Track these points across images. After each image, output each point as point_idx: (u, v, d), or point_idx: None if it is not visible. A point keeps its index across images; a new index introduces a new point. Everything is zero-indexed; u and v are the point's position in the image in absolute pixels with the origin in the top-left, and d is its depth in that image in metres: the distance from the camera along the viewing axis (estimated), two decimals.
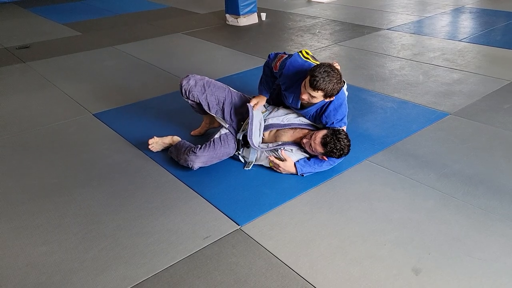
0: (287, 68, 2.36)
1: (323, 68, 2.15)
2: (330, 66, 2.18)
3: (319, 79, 2.14)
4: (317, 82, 2.14)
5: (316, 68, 2.17)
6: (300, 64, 2.36)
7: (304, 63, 2.35)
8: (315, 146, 2.28)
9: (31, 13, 6.98)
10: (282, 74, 2.39)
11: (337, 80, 2.18)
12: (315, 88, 2.16)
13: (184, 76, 2.56)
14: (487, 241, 1.84)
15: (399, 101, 3.19)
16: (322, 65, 2.17)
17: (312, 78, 2.15)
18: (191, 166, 2.36)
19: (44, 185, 2.34)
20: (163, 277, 1.72)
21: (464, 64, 3.89)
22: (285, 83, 2.40)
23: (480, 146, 2.56)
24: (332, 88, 2.17)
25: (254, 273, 1.72)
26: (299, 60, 2.37)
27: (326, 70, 2.15)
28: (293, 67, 2.36)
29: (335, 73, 2.18)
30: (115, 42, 5.02)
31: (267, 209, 2.08)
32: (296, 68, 2.36)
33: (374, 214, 2.03)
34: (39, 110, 3.30)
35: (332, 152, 2.26)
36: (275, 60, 2.45)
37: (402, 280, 1.66)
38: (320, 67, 2.16)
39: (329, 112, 2.33)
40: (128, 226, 2.00)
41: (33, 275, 1.75)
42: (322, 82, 2.14)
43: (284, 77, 2.38)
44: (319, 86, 2.14)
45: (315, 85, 2.15)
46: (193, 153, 2.36)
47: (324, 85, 2.14)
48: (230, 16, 5.67)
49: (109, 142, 2.77)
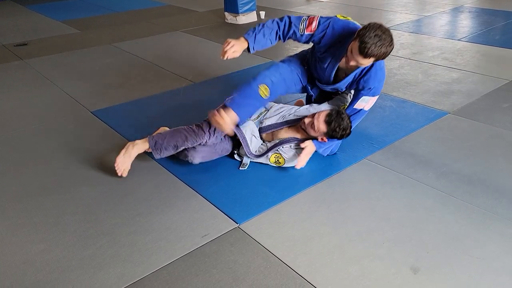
0: (332, 27, 2.13)
1: (373, 32, 1.92)
2: (381, 28, 1.94)
3: (370, 46, 1.91)
4: (368, 49, 1.92)
5: (365, 32, 1.94)
6: (343, 23, 2.15)
7: (348, 23, 2.15)
8: (318, 124, 2.23)
9: (29, 10, 6.95)
10: (324, 35, 2.15)
11: (389, 43, 1.96)
12: (366, 56, 1.95)
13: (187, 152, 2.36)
14: (485, 240, 1.84)
15: (398, 100, 3.19)
16: (371, 28, 1.94)
17: (362, 44, 1.93)
18: (191, 161, 2.35)
19: (41, 183, 2.33)
20: (161, 275, 1.71)
21: (463, 63, 3.89)
22: (325, 45, 2.17)
23: (479, 145, 2.56)
24: (385, 52, 1.97)
25: (252, 271, 1.71)
26: (342, 20, 2.16)
27: (376, 34, 1.92)
28: (338, 26, 2.14)
29: (387, 36, 1.95)
30: (113, 40, 5.00)
31: (266, 207, 2.08)
32: (341, 27, 2.14)
33: (372, 213, 2.02)
34: (37, 107, 3.28)
35: (334, 131, 2.23)
36: (304, 23, 2.19)
37: (401, 278, 1.66)
38: (369, 31, 1.93)
39: (369, 77, 2.16)
40: (126, 224, 1.99)
41: (30, 272, 1.74)
42: (374, 49, 1.92)
43: (327, 38, 2.16)
44: (371, 53, 1.93)
45: (366, 52, 1.93)
46: (193, 148, 2.35)
47: (376, 51, 1.93)
48: (229, 14, 5.66)
49: (107, 139, 2.76)
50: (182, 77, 3.79)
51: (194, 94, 3.43)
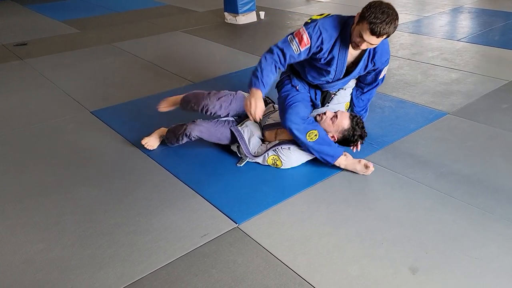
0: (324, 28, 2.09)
1: (379, 10, 1.89)
2: (384, 4, 1.91)
3: (381, 24, 1.87)
4: (381, 28, 1.88)
5: (371, 13, 1.90)
6: (329, 19, 2.13)
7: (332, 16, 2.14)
8: (342, 119, 2.28)
9: (29, 10, 6.95)
10: (323, 40, 2.11)
11: (396, 16, 1.93)
12: (380, 35, 1.92)
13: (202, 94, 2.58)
14: (484, 241, 1.84)
15: (397, 101, 3.19)
16: (376, 6, 1.90)
17: (372, 25, 1.89)
18: (188, 134, 2.38)
19: (41, 183, 2.34)
20: (160, 274, 1.71)
21: (462, 63, 3.90)
22: (327, 49, 2.14)
23: (478, 146, 2.57)
24: (395, 27, 1.93)
25: (251, 271, 1.72)
26: (322, 19, 2.14)
27: (383, 11, 1.88)
28: (328, 24, 2.12)
29: (392, 10, 1.92)
30: (113, 40, 5.01)
31: (265, 207, 2.08)
32: (331, 23, 2.11)
33: (371, 213, 2.03)
34: (37, 107, 3.29)
35: (354, 130, 2.28)
36: (295, 41, 2.13)
37: (399, 279, 1.67)
38: (375, 10, 1.89)
39: (380, 53, 2.16)
40: (125, 224, 2.00)
41: (30, 272, 1.74)
42: (386, 26, 1.88)
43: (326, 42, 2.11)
44: (384, 31, 1.89)
45: (380, 32, 1.90)
46: (193, 122, 2.40)
47: (388, 28, 1.90)
48: (228, 14, 5.67)
49: (107, 140, 2.76)
50: (181, 77, 3.79)
51: None
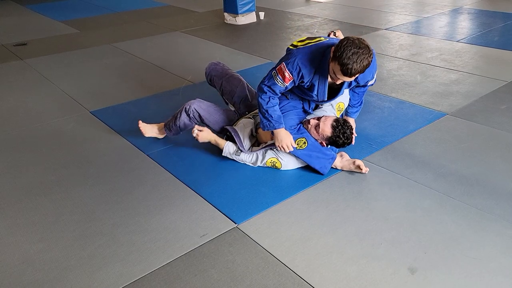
0: (301, 63, 2.11)
1: (349, 50, 1.88)
2: (354, 43, 1.90)
3: (352, 65, 1.89)
4: (352, 69, 1.90)
5: (341, 53, 1.89)
6: (306, 50, 2.13)
7: (310, 46, 2.14)
8: (324, 127, 2.28)
9: (28, 10, 6.96)
10: (302, 74, 2.14)
11: (368, 54, 1.92)
12: (351, 75, 1.94)
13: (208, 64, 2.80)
14: (483, 241, 1.85)
15: (396, 101, 3.20)
16: (345, 46, 1.89)
17: (344, 67, 1.90)
18: (188, 108, 2.46)
19: (41, 183, 2.34)
20: (159, 274, 1.72)
21: (461, 64, 3.90)
22: (308, 80, 2.18)
23: (477, 147, 2.57)
24: (367, 64, 1.93)
25: (250, 271, 1.72)
26: (301, 51, 2.14)
27: (353, 52, 1.88)
28: (304, 57, 2.12)
29: (363, 48, 1.91)
30: (113, 40, 5.01)
31: (264, 207, 2.08)
32: (307, 55, 2.12)
33: (370, 214, 2.03)
34: (36, 107, 3.29)
35: (338, 137, 2.28)
36: (278, 77, 2.17)
37: (398, 279, 1.67)
38: (345, 50, 1.89)
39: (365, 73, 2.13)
40: (125, 224, 2.00)
41: (29, 272, 1.74)
42: (356, 67, 1.89)
43: (306, 72, 2.13)
44: (355, 71, 1.91)
45: (350, 72, 1.91)
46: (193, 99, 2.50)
47: (359, 67, 1.90)
48: (228, 15, 5.67)
49: (107, 139, 2.76)
50: (181, 77, 3.80)
51: (193, 94, 3.43)
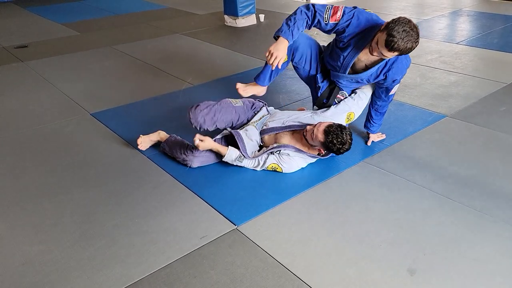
0: (357, 17, 2.18)
1: (402, 26, 1.95)
2: (410, 24, 1.98)
3: (397, 40, 1.94)
4: (395, 43, 1.94)
5: (394, 26, 1.97)
6: (367, 15, 2.19)
7: (371, 15, 2.21)
8: (317, 133, 2.22)
9: (29, 12, 6.97)
10: (349, 25, 2.19)
11: (415, 39, 1.98)
12: (391, 49, 1.98)
13: (190, 107, 2.46)
14: (482, 242, 1.85)
15: (396, 103, 3.20)
16: (400, 22, 1.97)
17: (390, 37, 1.95)
18: (189, 165, 2.38)
19: (41, 185, 2.34)
20: (159, 276, 1.72)
21: (461, 66, 3.91)
22: (349, 35, 2.22)
23: (476, 148, 2.58)
24: (410, 48, 1.99)
25: (250, 272, 1.72)
26: (367, 13, 2.20)
27: (405, 30, 1.95)
28: (363, 17, 2.18)
29: (414, 32, 1.98)
30: (113, 42, 5.02)
31: (264, 209, 2.09)
32: (365, 18, 2.18)
33: (370, 215, 2.04)
34: (37, 109, 3.30)
35: (331, 143, 2.19)
36: (329, 12, 2.21)
37: (398, 280, 1.67)
38: (398, 25, 1.96)
39: (395, 70, 2.20)
40: (125, 226, 2.00)
41: (29, 274, 1.75)
42: (400, 43, 1.94)
43: (352, 27, 2.19)
44: (397, 47, 1.95)
45: (392, 46, 1.96)
46: (191, 152, 2.37)
47: (402, 45, 1.95)
48: (228, 17, 5.68)
49: (107, 141, 2.77)
50: (181, 80, 3.81)
51: (193, 96, 3.44)
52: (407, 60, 2.33)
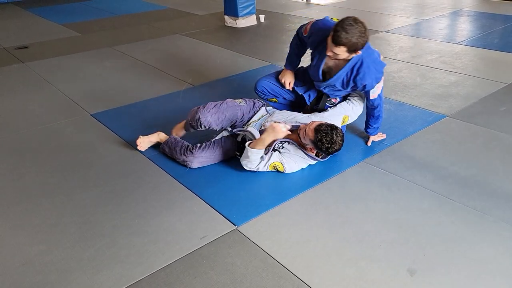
0: (315, 25, 2.40)
1: (346, 22, 2.08)
2: (354, 20, 2.10)
3: (340, 33, 2.06)
4: (338, 37, 2.06)
5: (339, 22, 2.11)
6: (327, 21, 2.38)
7: (328, 20, 2.39)
8: (308, 131, 2.22)
9: (30, 13, 6.98)
10: (312, 34, 2.41)
11: (360, 32, 2.09)
12: (337, 43, 2.09)
13: (196, 109, 2.45)
14: (482, 242, 1.85)
15: (396, 103, 3.20)
16: (345, 19, 2.10)
17: (334, 33, 2.08)
18: (189, 166, 2.38)
19: (41, 185, 2.34)
20: (159, 276, 1.72)
21: (461, 66, 3.91)
22: (314, 42, 2.41)
23: (476, 148, 2.57)
24: (355, 41, 2.08)
25: (250, 273, 1.72)
26: (327, 19, 2.39)
27: (349, 24, 2.07)
28: (322, 24, 2.38)
29: (358, 26, 2.09)
30: (113, 43, 5.03)
31: (264, 209, 2.09)
32: (324, 24, 2.36)
33: (370, 215, 2.04)
34: (37, 110, 3.30)
35: (320, 142, 2.18)
36: (305, 26, 2.49)
37: (398, 280, 1.67)
38: (343, 22, 2.09)
39: (364, 74, 2.27)
40: (125, 226, 2.00)
41: (29, 274, 1.75)
42: (344, 36, 2.05)
43: (313, 36, 2.39)
44: (341, 40, 2.06)
45: (337, 40, 2.07)
46: (191, 153, 2.37)
47: (346, 39, 2.06)
48: (228, 18, 5.69)
49: (107, 142, 2.77)
50: (181, 80, 3.81)
51: (193, 97, 3.45)
52: (376, 64, 2.34)
